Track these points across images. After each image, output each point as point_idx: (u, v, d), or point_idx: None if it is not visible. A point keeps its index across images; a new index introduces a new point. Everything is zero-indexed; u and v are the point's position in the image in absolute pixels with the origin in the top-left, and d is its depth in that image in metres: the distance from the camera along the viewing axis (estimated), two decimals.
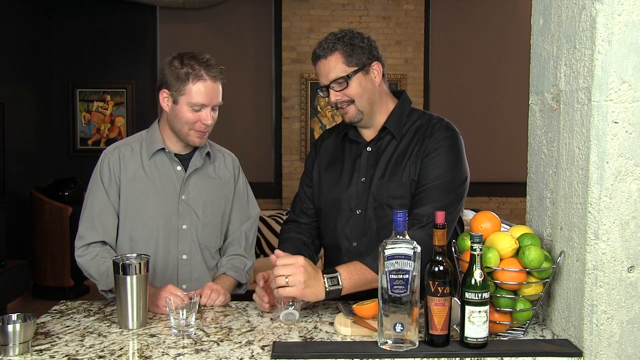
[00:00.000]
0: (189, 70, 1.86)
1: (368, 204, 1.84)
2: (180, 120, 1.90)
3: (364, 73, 1.82)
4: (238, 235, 2.08)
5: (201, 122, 1.89)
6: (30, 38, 5.88)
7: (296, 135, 6.42)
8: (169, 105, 1.92)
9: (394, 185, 1.82)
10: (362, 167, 1.88)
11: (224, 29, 6.45)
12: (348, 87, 1.80)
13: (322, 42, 1.84)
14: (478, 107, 6.50)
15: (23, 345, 1.40)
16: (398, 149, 1.85)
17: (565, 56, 1.52)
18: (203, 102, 1.87)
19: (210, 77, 1.88)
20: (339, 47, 1.80)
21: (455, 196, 1.78)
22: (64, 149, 6.39)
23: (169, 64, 1.91)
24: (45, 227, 5.36)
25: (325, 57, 1.81)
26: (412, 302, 1.39)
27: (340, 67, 1.80)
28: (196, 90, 1.86)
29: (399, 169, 1.82)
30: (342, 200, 1.88)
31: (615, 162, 1.37)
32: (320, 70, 1.83)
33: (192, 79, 1.86)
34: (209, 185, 2.02)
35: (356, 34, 1.83)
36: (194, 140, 1.94)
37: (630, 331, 1.40)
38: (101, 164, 1.97)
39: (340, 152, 1.97)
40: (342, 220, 1.88)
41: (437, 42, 6.62)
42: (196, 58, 1.88)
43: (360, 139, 1.92)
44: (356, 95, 1.81)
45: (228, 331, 1.57)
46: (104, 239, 1.93)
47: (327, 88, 1.83)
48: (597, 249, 1.39)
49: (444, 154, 1.79)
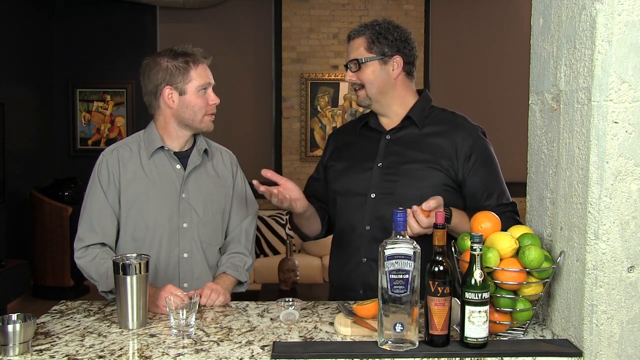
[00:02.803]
0: (187, 58, 1.95)
1: (384, 189, 1.88)
2: (192, 108, 1.95)
3: (381, 63, 1.90)
4: (238, 232, 2.08)
5: (209, 102, 1.97)
6: (30, 38, 5.88)
7: (296, 135, 6.42)
8: (174, 100, 1.95)
9: (419, 171, 1.87)
10: (380, 153, 1.94)
11: (224, 29, 6.44)
12: (361, 71, 1.90)
13: (359, 25, 1.96)
14: (478, 107, 6.49)
15: (23, 345, 1.40)
16: (422, 137, 1.92)
17: (565, 56, 1.52)
18: (209, 81, 1.97)
19: (205, 59, 1.99)
20: (367, 33, 1.91)
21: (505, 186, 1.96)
22: (64, 149, 6.39)
23: (157, 64, 1.94)
24: (45, 227, 5.36)
25: (353, 39, 1.94)
26: (412, 302, 1.39)
27: (360, 51, 1.91)
28: (200, 72, 1.95)
29: (426, 155, 1.88)
30: (357, 184, 1.93)
31: (615, 162, 1.37)
32: (348, 48, 1.97)
33: (193, 64, 1.95)
34: (209, 182, 2.02)
35: (391, 27, 1.93)
36: (209, 126, 2.00)
37: (630, 331, 1.40)
38: (99, 166, 1.97)
39: (358, 139, 2.03)
40: (357, 204, 1.92)
41: (437, 42, 6.62)
42: (183, 48, 1.98)
43: (380, 128, 1.98)
44: (367, 81, 1.90)
45: (228, 331, 1.57)
46: (103, 240, 1.93)
47: (346, 67, 1.95)
48: (597, 249, 1.39)
49: (486, 154, 1.91)
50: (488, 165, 1.91)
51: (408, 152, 1.90)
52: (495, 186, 1.90)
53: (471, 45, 6.60)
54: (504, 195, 1.90)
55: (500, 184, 1.92)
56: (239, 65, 6.42)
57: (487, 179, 1.89)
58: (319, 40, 6.36)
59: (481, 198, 1.88)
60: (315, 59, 6.37)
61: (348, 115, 6.28)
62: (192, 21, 6.40)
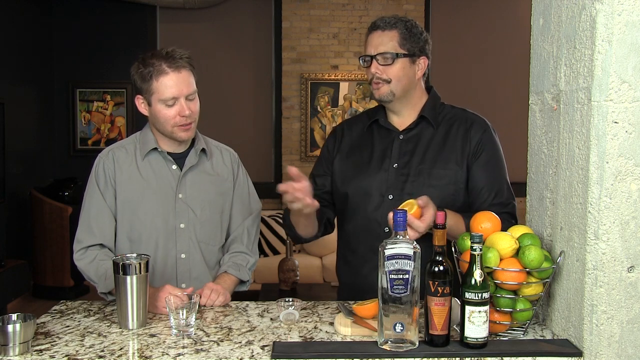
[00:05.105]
0: (151, 68, 1.85)
1: (402, 190, 1.86)
2: (159, 120, 1.90)
3: (411, 61, 1.87)
4: (240, 231, 2.08)
5: (179, 115, 1.88)
6: (30, 38, 5.88)
7: (296, 135, 6.42)
8: (146, 109, 1.93)
9: (436, 172, 1.86)
10: (395, 154, 1.91)
11: (224, 29, 6.44)
12: (391, 66, 1.85)
13: (385, 17, 1.90)
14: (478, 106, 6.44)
15: (23, 345, 1.40)
16: (437, 137, 1.91)
17: (565, 56, 1.52)
18: (173, 95, 1.85)
19: (174, 69, 1.85)
20: (400, 27, 1.86)
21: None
22: (64, 149, 6.39)
23: (135, 69, 1.90)
24: (45, 227, 5.36)
25: (384, 30, 1.86)
26: (412, 302, 1.39)
27: (393, 45, 1.85)
28: (162, 85, 1.85)
29: (442, 157, 1.88)
30: (372, 185, 1.90)
31: (615, 162, 1.37)
32: (373, 40, 1.87)
33: (155, 76, 1.85)
34: (207, 182, 2.01)
35: (418, 26, 1.90)
36: (181, 135, 1.92)
37: (630, 331, 1.40)
38: (96, 168, 1.98)
39: (368, 138, 1.99)
40: (372, 205, 1.90)
41: (437, 42, 6.58)
42: (157, 54, 1.88)
43: (391, 127, 1.95)
44: (395, 76, 1.86)
45: (228, 331, 1.57)
46: (102, 241, 1.93)
47: (371, 58, 1.86)
48: (597, 249, 1.39)
49: (494, 149, 1.92)
50: (494, 163, 1.90)
51: (423, 152, 1.89)
52: (497, 184, 1.88)
53: (471, 45, 6.60)
54: (503, 194, 1.88)
55: (502, 183, 1.90)
56: (239, 65, 6.42)
57: (491, 176, 1.88)
58: (319, 40, 6.36)
59: (479, 195, 1.87)
60: (315, 59, 6.36)
61: (348, 115, 6.28)
62: (192, 21, 6.40)
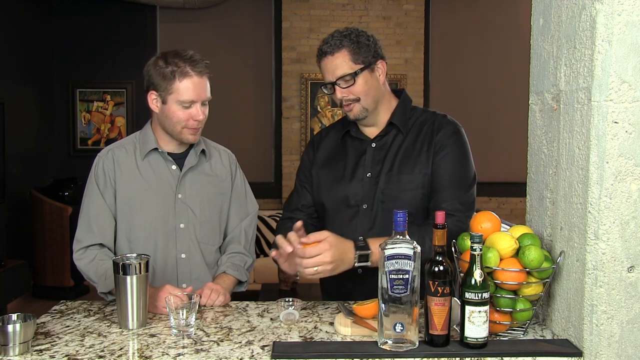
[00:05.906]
0: (174, 68, 1.85)
1: (375, 199, 1.86)
2: (171, 119, 1.90)
3: (370, 71, 1.84)
4: (238, 232, 2.08)
5: (192, 118, 1.89)
6: (30, 38, 5.88)
7: (296, 135, 6.42)
8: (158, 106, 1.92)
9: (405, 178, 1.85)
10: (368, 163, 1.90)
11: (224, 29, 6.44)
12: (354, 85, 1.82)
13: (328, 39, 1.84)
14: (478, 107, 6.49)
15: (23, 345, 1.40)
16: (405, 143, 1.89)
17: (565, 56, 1.52)
18: (192, 98, 1.87)
19: (197, 73, 1.87)
20: (346, 44, 1.81)
21: (472, 191, 1.87)
22: (64, 149, 6.39)
23: (153, 64, 1.90)
24: (45, 227, 5.36)
25: (332, 54, 1.82)
26: (412, 302, 1.39)
27: (347, 65, 1.81)
28: (184, 87, 1.86)
29: (409, 162, 1.86)
30: (347, 195, 1.90)
31: (615, 162, 1.37)
32: (327, 66, 1.84)
33: (179, 77, 1.85)
34: (206, 182, 2.02)
35: (361, 32, 1.85)
36: (188, 138, 1.93)
37: (630, 331, 1.40)
38: (96, 168, 1.97)
39: (342, 149, 1.98)
40: (348, 215, 1.89)
41: (437, 42, 6.62)
42: (180, 55, 1.88)
43: (362, 136, 1.94)
44: (362, 92, 1.83)
45: (228, 331, 1.57)
46: (102, 241, 1.93)
47: (332, 85, 1.84)
48: (597, 249, 1.39)
49: (457, 150, 1.86)
50: (457, 162, 1.85)
51: (392, 159, 1.88)
52: (455, 184, 1.82)
53: (471, 45, 6.60)
54: (460, 197, 1.82)
55: (462, 184, 1.84)
56: (239, 65, 6.42)
57: (452, 175, 1.83)
58: (319, 40, 6.29)
59: (436, 193, 1.82)
60: (315, 59, 6.36)
61: None
62: (192, 21, 6.40)
